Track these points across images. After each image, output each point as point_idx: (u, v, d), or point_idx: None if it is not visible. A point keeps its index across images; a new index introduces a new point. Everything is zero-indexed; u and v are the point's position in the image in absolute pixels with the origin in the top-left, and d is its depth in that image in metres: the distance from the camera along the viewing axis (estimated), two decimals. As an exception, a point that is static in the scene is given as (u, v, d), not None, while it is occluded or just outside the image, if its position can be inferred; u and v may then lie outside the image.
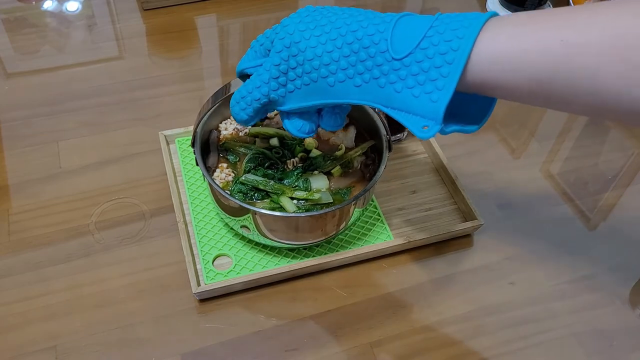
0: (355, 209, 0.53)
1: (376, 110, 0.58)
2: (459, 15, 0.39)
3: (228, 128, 0.60)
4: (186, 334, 0.51)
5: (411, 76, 0.39)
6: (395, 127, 0.65)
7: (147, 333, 0.50)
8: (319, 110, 0.47)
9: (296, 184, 0.54)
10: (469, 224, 0.58)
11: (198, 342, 0.50)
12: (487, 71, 0.38)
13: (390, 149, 0.55)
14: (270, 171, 0.55)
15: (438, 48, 0.38)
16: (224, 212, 0.54)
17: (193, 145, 0.53)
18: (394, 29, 0.40)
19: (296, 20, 0.43)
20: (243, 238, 0.57)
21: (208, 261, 0.54)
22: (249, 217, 0.51)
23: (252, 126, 0.60)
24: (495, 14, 0.40)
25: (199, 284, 0.52)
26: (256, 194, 0.54)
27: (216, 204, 0.55)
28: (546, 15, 0.37)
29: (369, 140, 0.59)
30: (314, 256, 0.55)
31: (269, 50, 0.45)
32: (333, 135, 0.60)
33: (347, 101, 0.42)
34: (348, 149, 0.58)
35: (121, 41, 0.80)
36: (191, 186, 0.60)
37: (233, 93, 0.47)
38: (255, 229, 0.52)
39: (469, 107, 0.42)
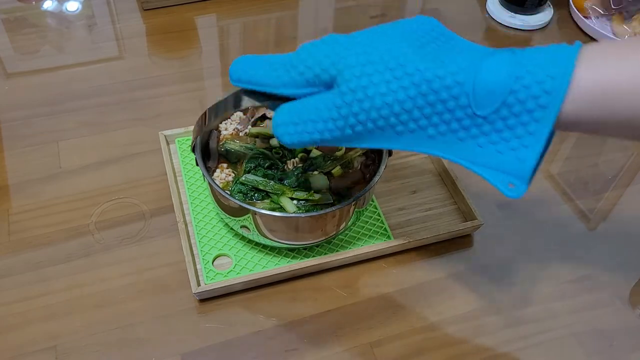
0: (355, 209, 0.53)
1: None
2: (543, 59, 0.35)
3: (228, 128, 0.60)
4: (186, 334, 0.51)
5: (495, 132, 0.37)
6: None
7: (147, 333, 0.50)
8: None
9: (296, 184, 0.54)
10: (469, 224, 0.58)
11: (198, 342, 0.50)
12: (577, 115, 0.35)
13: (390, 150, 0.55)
14: (270, 171, 0.55)
15: (525, 105, 0.35)
16: (224, 212, 0.54)
17: (193, 150, 0.53)
18: (476, 81, 0.36)
19: (361, 58, 0.38)
20: (243, 238, 0.57)
21: (208, 261, 0.54)
22: (249, 217, 0.51)
23: (252, 126, 0.60)
24: (580, 47, 0.36)
25: (199, 284, 0.52)
26: (256, 194, 0.54)
27: (216, 204, 0.55)
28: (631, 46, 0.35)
29: (369, 140, 0.59)
30: (314, 256, 0.55)
31: (328, 84, 0.40)
32: (333, 135, 0.60)
33: (415, 149, 0.39)
34: (348, 149, 0.58)
35: (121, 41, 0.80)
36: (191, 186, 0.60)
37: (243, 108, 0.44)
38: (255, 229, 0.52)
39: None
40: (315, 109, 0.40)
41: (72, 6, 0.85)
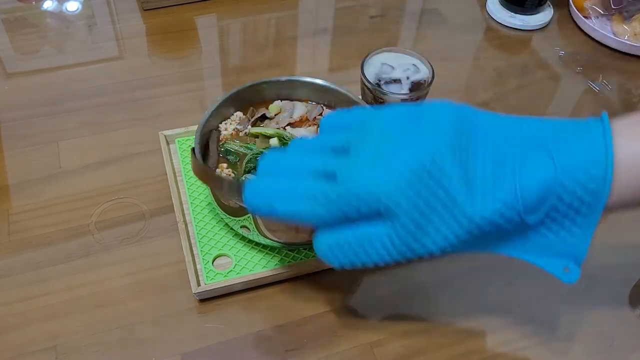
0: (355, 209, 0.53)
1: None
2: (582, 159, 0.36)
3: (228, 128, 0.60)
4: (186, 334, 0.51)
5: (543, 226, 0.38)
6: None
7: (147, 333, 0.50)
8: None
9: (296, 184, 0.54)
10: (469, 224, 0.58)
11: (198, 342, 0.50)
12: (621, 199, 0.37)
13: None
14: (270, 171, 0.55)
15: (571, 205, 0.37)
16: (223, 212, 0.54)
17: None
18: (524, 200, 0.36)
19: (411, 194, 0.36)
20: (243, 238, 0.57)
21: (208, 261, 0.54)
22: (248, 217, 0.51)
23: (252, 126, 0.60)
24: (611, 128, 0.37)
25: (199, 284, 0.52)
26: (256, 194, 0.54)
27: (216, 205, 0.55)
28: None
29: (369, 140, 0.59)
30: (314, 256, 0.55)
31: (373, 216, 0.38)
32: (333, 135, 0.60)
33: (463, 252, 0.39)
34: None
35: (121, 41, 0.80)
36: (191, 186, 0.60)
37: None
38: (255, 229, 0.52)
39: None
40: (367, 240, 0.38)
41: (72, 6, 0.85)
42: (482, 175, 0.37)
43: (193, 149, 0.52)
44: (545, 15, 0.89)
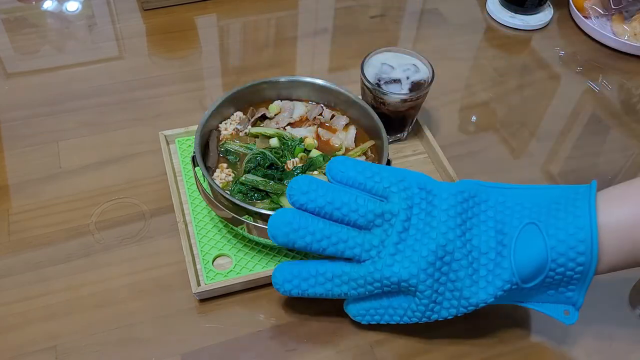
0: (355, 209, 0.53)
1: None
2: (570, 236, 0.42)
3: (228, 128, 0.60)
4: (186, 334, 0.51)
5: (542, 287, 0.45)
6: (395, 127, 0.65)
7: (147, 333, 0.50)
8: None
9: (296, 184, 0.54)
10: (469, 224, 0.58)
11: (198, 342, 0.50)
12: (610, 263, 0.43)
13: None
14: (270, 171, 0.55)
15: (564, 275, 0.43)
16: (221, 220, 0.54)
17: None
18: (521, 275, 0.43)
19: (429, 281, 0.44)
20: (243, 238, 0.57)
21: (208, 261, 0.54)
22: (248, 217, 0.51)
23: (252, 126, 0.60)
24: (596, 203, 0.43)
25: (199, 284, 0.52)
26: (256, 194, 0.54)
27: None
28: None
29: (369, 140, 0.59)
30: (313, 256, 0.55)
31: (400, 291, 0.46)
32: (333, 135, 0.60)
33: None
34: (348, 149, 0.59)
35: (121, 41, 0.80)
36: (191, 186, 0.60)
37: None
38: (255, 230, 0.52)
39: None
40: (391, 308, 0.47)
41: (72, 6, 0.85)
42: (486, 251, 0.44)
43: (209, 198, 0.53)
44: (545, 15, 0.89)
